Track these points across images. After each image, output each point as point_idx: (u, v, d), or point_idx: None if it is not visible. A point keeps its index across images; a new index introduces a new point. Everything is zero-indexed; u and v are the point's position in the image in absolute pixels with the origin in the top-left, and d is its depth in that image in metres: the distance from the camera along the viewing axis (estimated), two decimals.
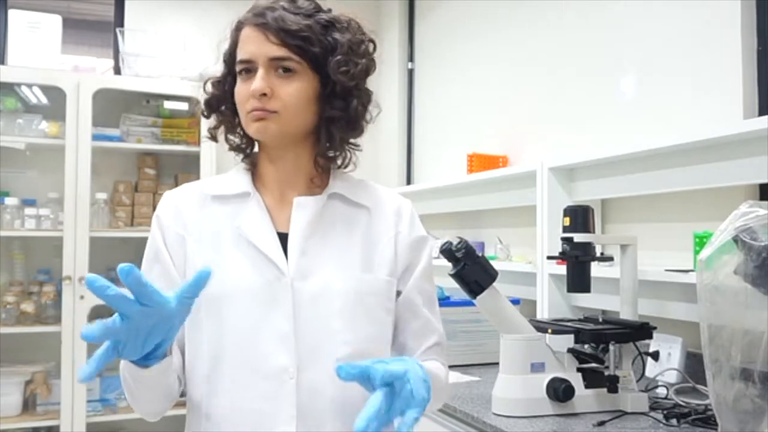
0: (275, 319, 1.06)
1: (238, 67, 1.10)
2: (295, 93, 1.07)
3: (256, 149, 1.20)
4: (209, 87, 1.17)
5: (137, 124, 3.32)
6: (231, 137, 1.18)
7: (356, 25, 1.13)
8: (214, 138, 1.20)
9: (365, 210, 1.17)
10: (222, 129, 1.18)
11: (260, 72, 1.07)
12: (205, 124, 1.22)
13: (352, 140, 1.16)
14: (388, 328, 1.15)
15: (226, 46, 1.15)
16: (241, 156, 1.20)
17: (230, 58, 1.14)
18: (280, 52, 1.06)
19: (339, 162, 1.17)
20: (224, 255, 1.09)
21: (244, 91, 1.09)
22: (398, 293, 1.17)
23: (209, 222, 1.13)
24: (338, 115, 1.11)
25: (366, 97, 1.14)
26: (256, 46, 1.07)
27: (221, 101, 1.16)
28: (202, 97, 1.18)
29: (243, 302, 1.07)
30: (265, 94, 1.06)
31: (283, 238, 1.10)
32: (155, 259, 1.14)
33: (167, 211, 1.15)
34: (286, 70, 1.07)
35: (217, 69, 1.18)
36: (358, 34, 1.13)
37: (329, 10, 1.13)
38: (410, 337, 1.18)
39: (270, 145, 1.14)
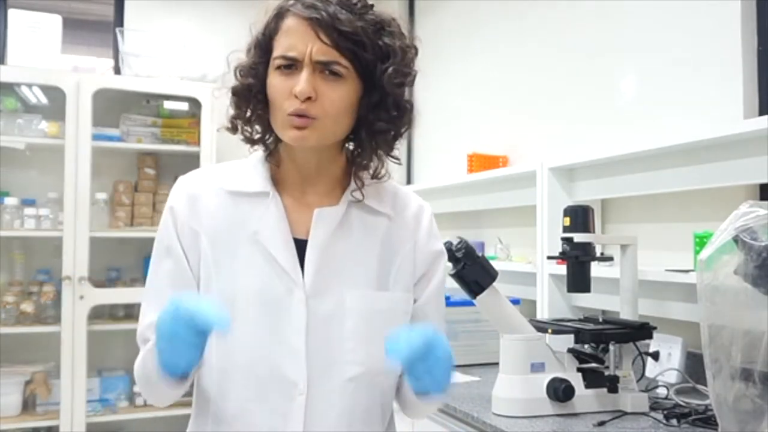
0: (288, 333, 1.03)
1: (278, 61, 1.01)
2: (339, 100, 1.00)
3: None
4: (239, 74, 1.07)
5: (137, 124, 3.31)
6: (248, 129, 1.09)
7: (398, 26, 1.07)
8: (234, 128, 1.09)
9: (385, 217, 1.12)
10: (240, 120, 1.08)
11: (305, 73, 0.98)
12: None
13: (393, 153, 1.11)
14: None
15: (259, 28, 1.05)
16: (258, 148, 1.12)
17: (266, 44, 1.04)
18: (330, 54, 0.98)
19: (372, 172, 1.11)
20: (238, 259, 1.05)
21: (284, 88, 1.00)
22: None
23: (225, 220, 1.07)
24: (385, 127, 1.06)
25: (412, 109, 1.09)
26: (304, 43, 0.98)
27: (253, 90, 1.05)
28: (230, 84, 1.08)
29: (255, 313, 1.03)
30: (310, 98, 0.98)
31: (299, 243, 1.06)
32: (167, 253, 1.08)
33: (181, 202, 1.09)
34: (333, 73, 1.00)
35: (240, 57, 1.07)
36: (404, 38, 1.07)
37: (372, 6, 1.05)
38: None
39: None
